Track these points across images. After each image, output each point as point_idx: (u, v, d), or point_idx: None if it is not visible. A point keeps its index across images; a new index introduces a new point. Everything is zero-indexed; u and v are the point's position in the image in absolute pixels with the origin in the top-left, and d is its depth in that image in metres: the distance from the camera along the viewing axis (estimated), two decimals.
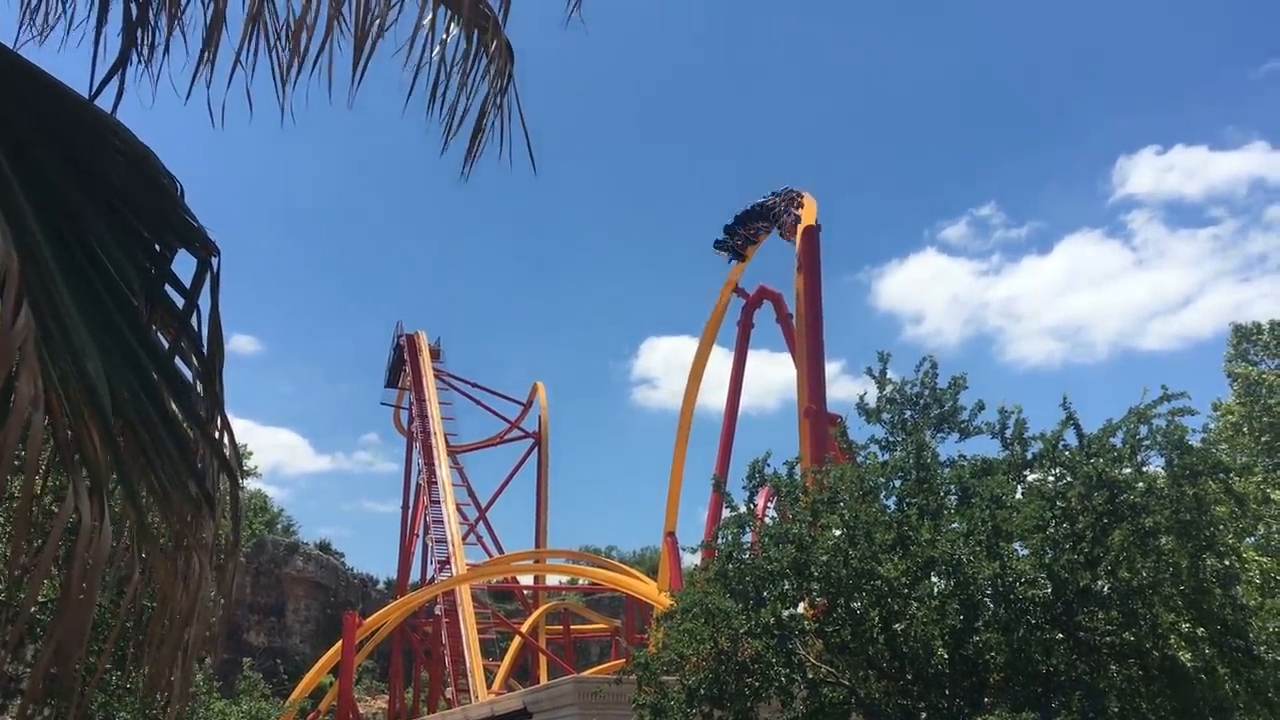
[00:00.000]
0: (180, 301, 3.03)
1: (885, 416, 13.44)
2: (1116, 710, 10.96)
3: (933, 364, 13.49)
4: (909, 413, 13.32)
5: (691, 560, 18.19)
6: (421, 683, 55.84)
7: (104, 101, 3.27)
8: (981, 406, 13.16)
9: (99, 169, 2.99)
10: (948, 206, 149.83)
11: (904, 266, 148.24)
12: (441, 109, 3.44)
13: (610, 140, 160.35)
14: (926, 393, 13.33)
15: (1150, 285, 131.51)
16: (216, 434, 2.92)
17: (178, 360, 2.96)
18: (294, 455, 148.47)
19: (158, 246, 3.09)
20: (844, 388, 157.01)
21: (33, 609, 2.74)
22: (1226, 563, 11.91)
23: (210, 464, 2.87)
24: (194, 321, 3.05)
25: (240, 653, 43.42)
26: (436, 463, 52.40)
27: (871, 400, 13.60)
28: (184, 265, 3.11)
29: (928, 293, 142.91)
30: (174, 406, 2.82)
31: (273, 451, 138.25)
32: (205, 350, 2.97)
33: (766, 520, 13.83)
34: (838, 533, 12.09)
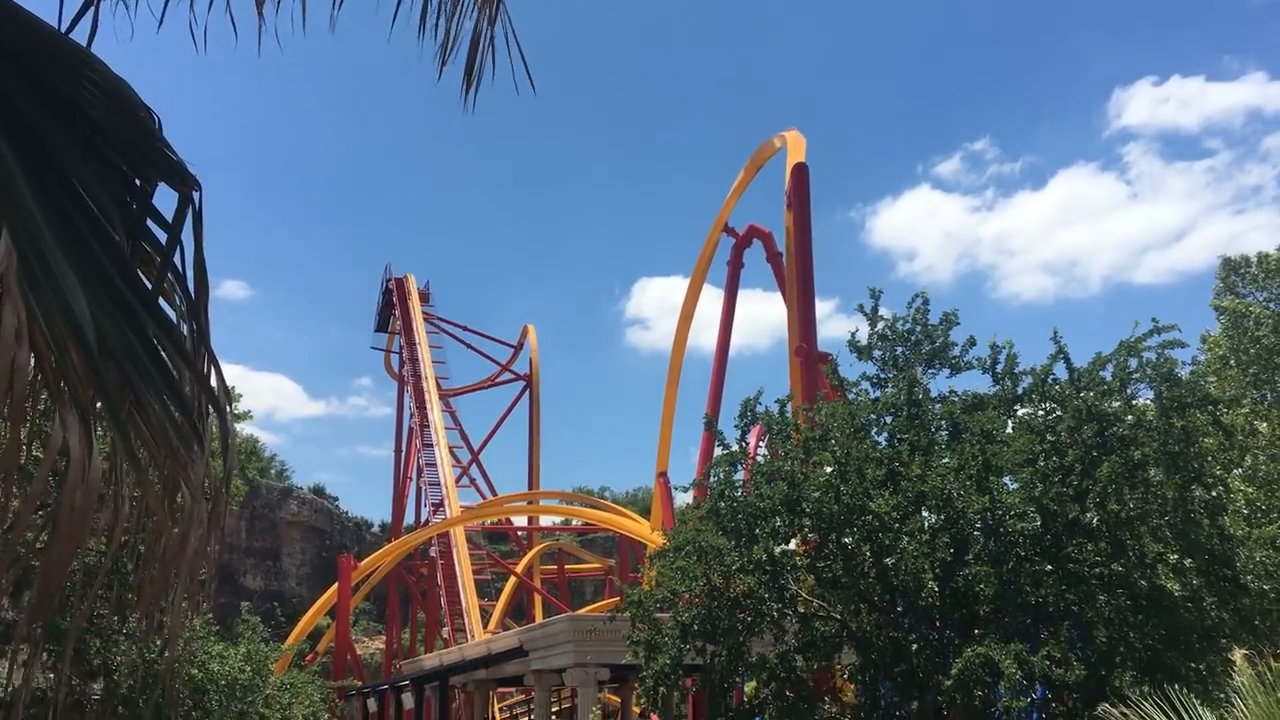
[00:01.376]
0: (163, 236, 2.97)
1: (876, 354, 13.44)
2: (1104, 639, 11.12)
3: (924, 300, 13.47)
4: (900, 349, 13.32)
5: (684, 500, 18.32)
6: (418, 623, 56.48)
7: (78, 35, 3.19)
8: (973, 342, 13.17)
9: (74, 102, 2.91)
10: (941, 142, 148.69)
11: (897, 204, 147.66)
12: (435, 34, 3.36)
13: (600, 79, 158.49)
14: (918, 329, 13.32)
15: (1144, 219, 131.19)
16: (204, 369, 2.88)
17: (162, 298, 2.92)
18: (288, 401, 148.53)
19: (137, 181, 3.03)
20: (837, 326, 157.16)
21: (28, 554, 2.71)
22: (1214, 493, 12.03)
23: (197, 399, 2.83)
24: (178, 258, 3.00)
25: (237, 596, 43.76)
26: (428, 406, 52.49)
27: (863, 338, 13.59)
28: (165, 201, 3.06)
29: (921, 230, 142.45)
30: (160, 341, 2.78)
31: (266, 397, 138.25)
32: (191, 285, 2.92)
33: (758, 458, 13.88)
34: (829, 469, 12.14)
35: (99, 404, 2.51)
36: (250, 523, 66.67)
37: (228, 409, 2.98)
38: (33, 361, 2.34)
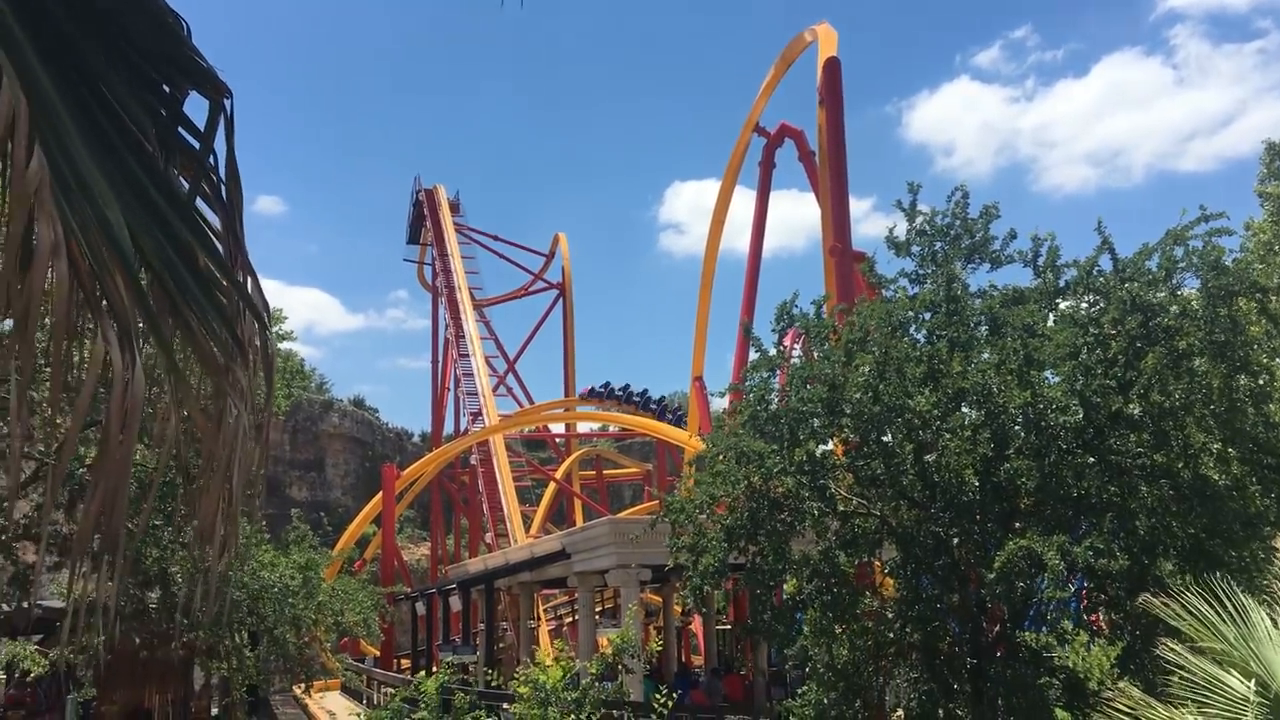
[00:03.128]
0: (195, 144, 2.93)
1: (915, 249, 13.22)
2: (1146, 530, 11.12)
3: (964, 194, 13.19)
4: (939, 245, 13.09)
5: (719, 404, 18.37)
6: (461, 530, 57.66)
7: None
8: (1013, 235, 12.90)
9: (103, 9, 2.85)
10: (980, 31, 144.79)
11: (934, 97, 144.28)
12: None
13: None
14: (957, 223, 13.06)
15: (1190, 104, 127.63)
16: (240, 278, 2.87)
17: (197, 204, 2.89)
18: (326, 315, 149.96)
19: (167, 89, 2.98)
20: (875, 224, 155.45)
21: (80, 470, 2.73)
22: (1260, 381, 11.86)
23: (238, 310, 2.82)
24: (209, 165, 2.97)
25: (285, 507, 44.69)
26: (463, 317, 52.74)
27: (901, 234, 13.36)
28: (194, 110, 3.01)
29: (959, 123, 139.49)
30: (197, 252, 2.76)
31: (304, 311, 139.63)
32: (224, 193, 2.89)
33: (794, 361, 13.80)
34: (867, 369, 12.07)
35: (140, 319, 2.50)
36: (293, 435, 67.87)
37: (266, 317, 2.97)
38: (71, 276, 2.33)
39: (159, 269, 2.57)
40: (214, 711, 25.54)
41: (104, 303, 2.37)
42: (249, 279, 2.91)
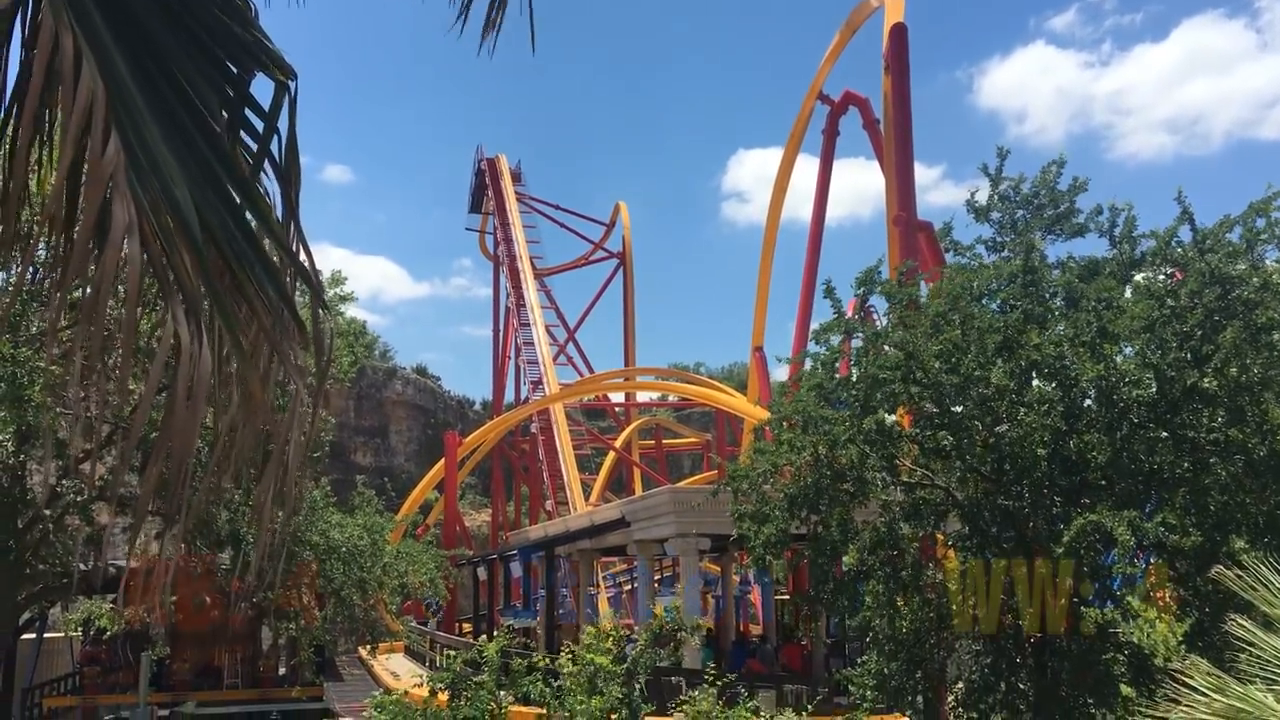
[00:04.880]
0: (260, 125, 2.98)
1: (995, 215, 12.96)
2: (1218, 506, 10.88)
3: (1059, 164, 12.86)
4: (1021, 212, 12.82)
5: (781, 373, 18.27)
6: (522, 497, 58.26)
7: None
8: (1099, 210, 12.58)
9: None
10: None
11: (1007, 62, 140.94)
12: None
13: None
14: (1043, 192, 12.75)
15: (1274, 69, 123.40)
16: (294, 249, 2.93)
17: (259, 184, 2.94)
18: (392, 283, 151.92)
19: (234, 69, 3.03)
20: (946, 193, 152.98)
21: (154, 434, 2.82)
22: None
23: (295, 287, 2.89)
24: (274, 147, 3.02)
25: (350, 473, 45.53)
26: (524, 286, 53.03)
27: (982, 199, 13.08)
28: (259, 90, 3.06)
29: (1032, 89, 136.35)
30: (261, 232, 2.82)
31: (371, 279, 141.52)
32: (283, 165, 2.94)
33: (876, 327, 13.56)
34: (946, 339, 11.88)
35: (206, 295, 2.57)
36: (358, 402, 68.97)
37: (319, 285, 3.02)
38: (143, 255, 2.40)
39: (224, 247, 2.63)
40: (281, 671, 26.20)
41: (172, 279, 2.43)
42: (302, 249, 2.97)
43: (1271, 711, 5.93)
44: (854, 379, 12.43)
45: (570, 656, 14.01)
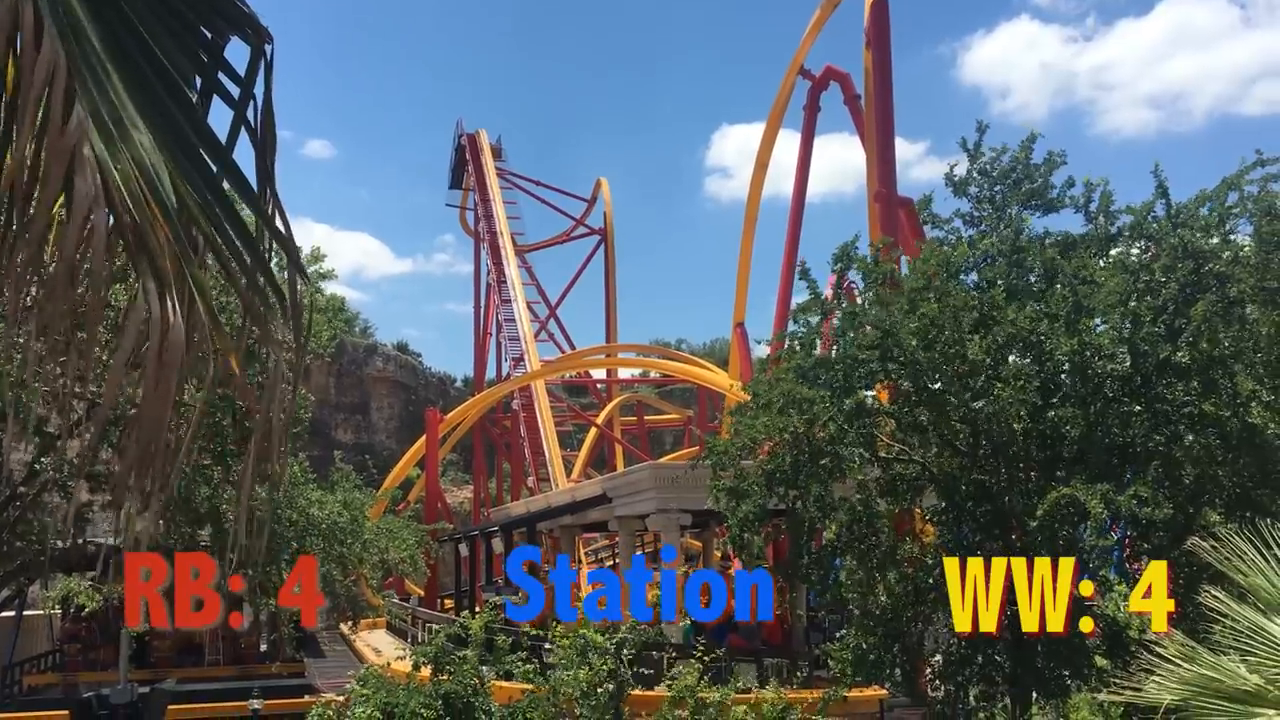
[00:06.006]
0: (235, 91, 2.94)
1: (973, 190, 12.98)
2: (1192, 478, 11.01)
3: (1032, 138, 12.89)
4: (999, 187, 12.84)
5: (762, 351, 18.31)
6: (503, 474, 58.24)
7: None
8: (1071, 183, 12.63)
9: None
10: None
11: (990, 37, 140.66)
12: None
13: None
14: (1019, 168, 12.78)
15: (1257, 45, 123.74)
16: (270, 213, 2.89)
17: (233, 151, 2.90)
18: (374, 259, 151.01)
19: (208, 34, 2.98)
20: (929, 169, 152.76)
21: (131, 410, 2.78)
22: None
23: (267, 245, 2.86)
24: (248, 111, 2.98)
25: (330, 449, 45.38)
26: (505, 262, 52.80)
27: (961, 173, 13.09)
28: (234, 54, 3.01)
29: (1015, 65, 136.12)
30: (238, 200, 2.79)
31: (353, 255, 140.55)
32: (259, 131, 2.90)
33: (856, 303, 13.58)
34: (922, 316, 11.94)
35: (181, 266, 2.54)
36: (338, 379, 68.68)
37: (297, 253, 2.99)
38: (112, 222, 2.37)
39: (199, 217, 2.60)
40: (263, 648, 26.19)
41: (142, 251, 2.41)
42: (285, 226, 2.93)
43: (1243, 679, 6.02)
44: (833, 359, 12.48)
45: (563, 632, 14.11)
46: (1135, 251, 12.14)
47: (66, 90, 2.31)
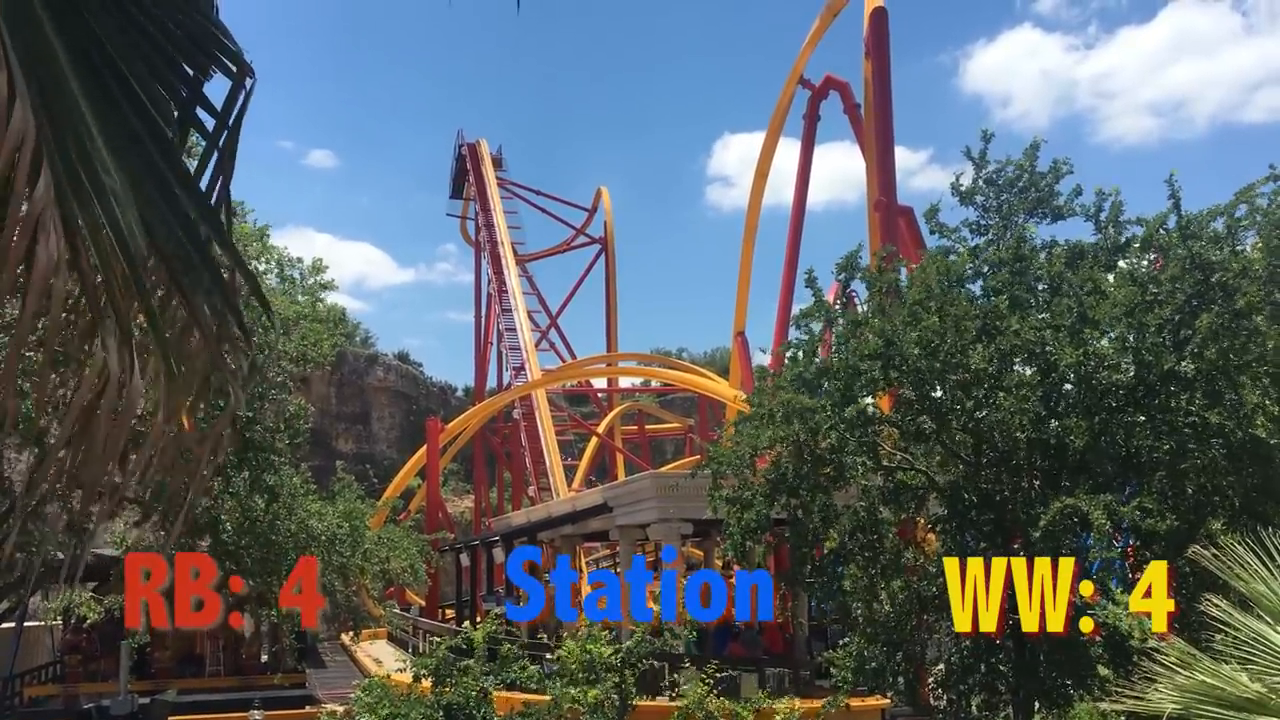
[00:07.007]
0: (210, 123, 2.92)
1: (979, 199, 12.96)
2: (1196, 489, 10.97)
3: (1036, 144, 12.87)
4: (1005, 196, 12.82)
5: (762, 359, 18.30)
6: (504, 483, 58.18)
7: None
8: (1079, 191, 12.60)
9: None
10: None
11: (992, 45, 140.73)
12: None
13: None
14: (1025, 176, 12.75)
15: (1259, 52, 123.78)
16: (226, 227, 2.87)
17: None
18: (377, 268, 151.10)
19: (189, 70, 2.94)
20: (931, 178, 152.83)
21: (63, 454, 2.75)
22: None
23: (237, 293, 2.85)
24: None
25: (331, 459, 45.35)
26: (505, 271, 52.82)
27: (967, 182, 13.06)
28: (213, 86, 3.00)
29: (1017, 73, 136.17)
30: (210, 240, 2.76)
31: (355, 265, 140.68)
32: (218, 162, 2.88)
33: (858, 313, 13.57)
34: (925, 325, 11.91)
35: (141, 317, 2.52)
36: (339, 389, 68.66)
37: (260, 286, 2.98)
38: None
39: (169, 259, 2.57)
40: (263, 658, 26.12)
41: (106, 304, 2.38)
42: (234, 255, 2.92)
43: (1244, 688, 6.00)
44: (835, 368, 12.46)
45: (570, 647, 14.07)
46: (1144, 263, 12.11)
47: (35, 156, 2.23)
